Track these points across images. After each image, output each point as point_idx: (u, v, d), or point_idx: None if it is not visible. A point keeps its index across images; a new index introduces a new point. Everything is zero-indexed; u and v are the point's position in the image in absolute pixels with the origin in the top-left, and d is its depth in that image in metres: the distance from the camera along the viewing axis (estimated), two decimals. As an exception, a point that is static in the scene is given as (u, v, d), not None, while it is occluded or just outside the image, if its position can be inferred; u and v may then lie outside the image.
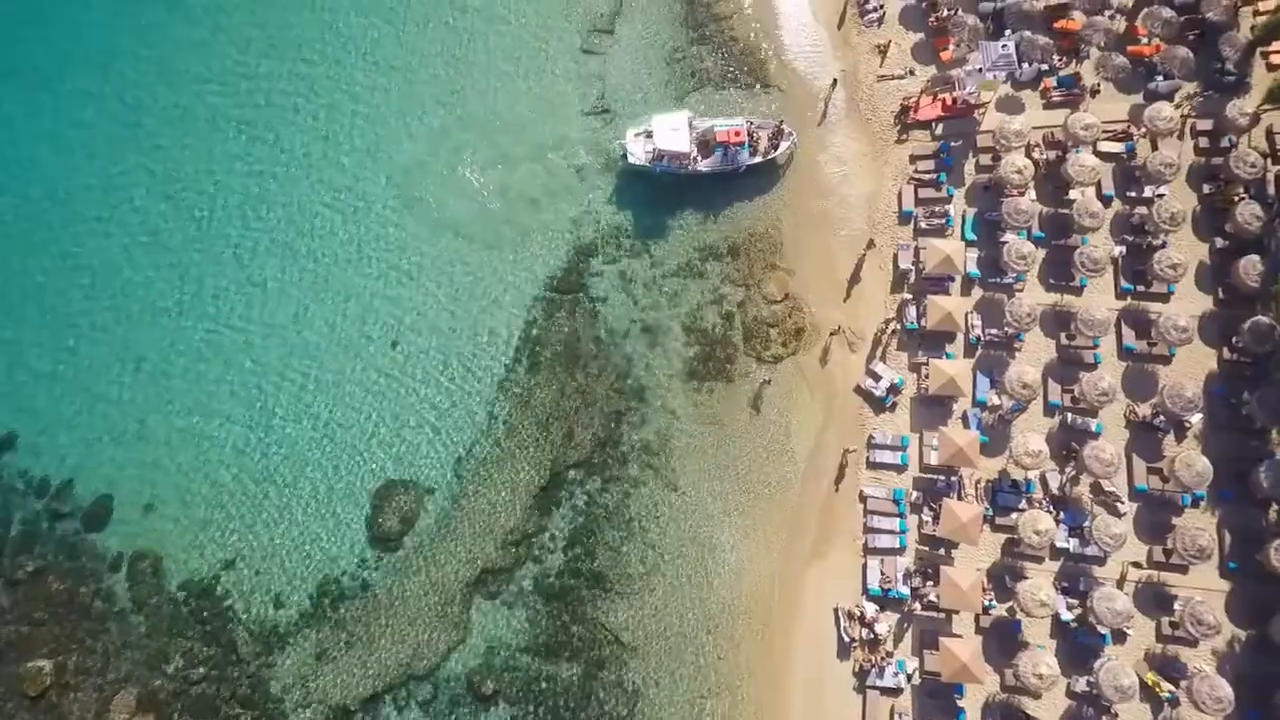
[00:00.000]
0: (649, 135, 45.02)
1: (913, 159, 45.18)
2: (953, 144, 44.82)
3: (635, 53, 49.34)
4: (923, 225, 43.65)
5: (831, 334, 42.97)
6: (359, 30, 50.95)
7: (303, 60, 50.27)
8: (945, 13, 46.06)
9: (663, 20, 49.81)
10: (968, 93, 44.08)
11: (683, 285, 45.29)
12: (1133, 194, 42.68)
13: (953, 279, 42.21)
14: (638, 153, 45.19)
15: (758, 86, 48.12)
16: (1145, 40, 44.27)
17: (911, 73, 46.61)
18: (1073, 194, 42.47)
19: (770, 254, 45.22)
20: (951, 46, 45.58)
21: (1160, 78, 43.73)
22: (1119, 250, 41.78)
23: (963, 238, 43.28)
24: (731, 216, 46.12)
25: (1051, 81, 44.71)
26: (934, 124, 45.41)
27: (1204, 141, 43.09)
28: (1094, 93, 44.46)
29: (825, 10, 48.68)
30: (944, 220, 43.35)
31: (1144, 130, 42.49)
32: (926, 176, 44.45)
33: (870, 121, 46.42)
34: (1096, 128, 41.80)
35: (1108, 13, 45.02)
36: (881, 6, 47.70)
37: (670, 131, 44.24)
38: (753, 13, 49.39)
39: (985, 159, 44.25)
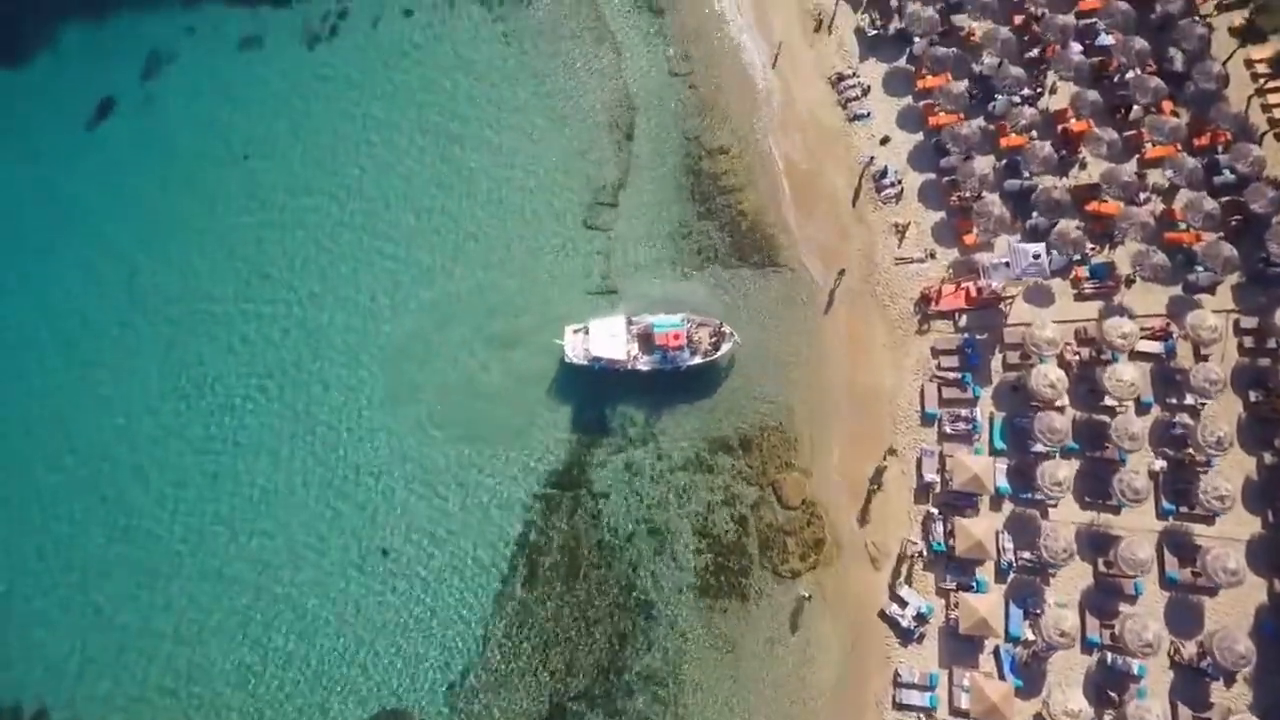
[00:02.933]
0: (588, 332, 42.96)
1: (935, 353, 42.50)
2: (978, 337, 42.16)
3: (640, 227, 46.90)
4: (947, 430, 40.96)
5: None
6: (352, 197, 48.78)
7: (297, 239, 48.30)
8: (967, 192, 43.53)
9: (668, 192, 47.39)
10: (993, 286, 41.46)
11: (692, 481, 42.80)
12: (1173, 400, 39.88)
13: (981, 495, 39.50)
14: (575, 351, 42.99)
15: (768, 265, 45.62)
16: (1184, 226, 41.63)
17: (932, 255, 44.00)
18: (1109, 400, 39.78)
19: (784, 451, 42.63)
20: (976, 231, 42.99)
21: (1200, 269, 41.04)
22: (1160, 465, 38.94)
23: (990, 445, 40.58)
24: (740, 406, 43.64)
25: (1084, 271, 42.06)
26: (957, 314, 42.82)
27: (1249, 341, 40.38)
28: (1129, 283, 41.78)
29: (839, 184, 46.10)
30: (970, 425, 40.63)
31: (1184, 332, 39.79)
32: (950, 375, 41.73)
33: (888, 308, 43.81)
34: (1134, 336, 39.09)
35: (1143, 195, 42.38)
36: (899, 181, 45.15)
37: (607, 337, 42.41)
38: (760, 185, 46.79)
39: (1013, 356, 41.57)
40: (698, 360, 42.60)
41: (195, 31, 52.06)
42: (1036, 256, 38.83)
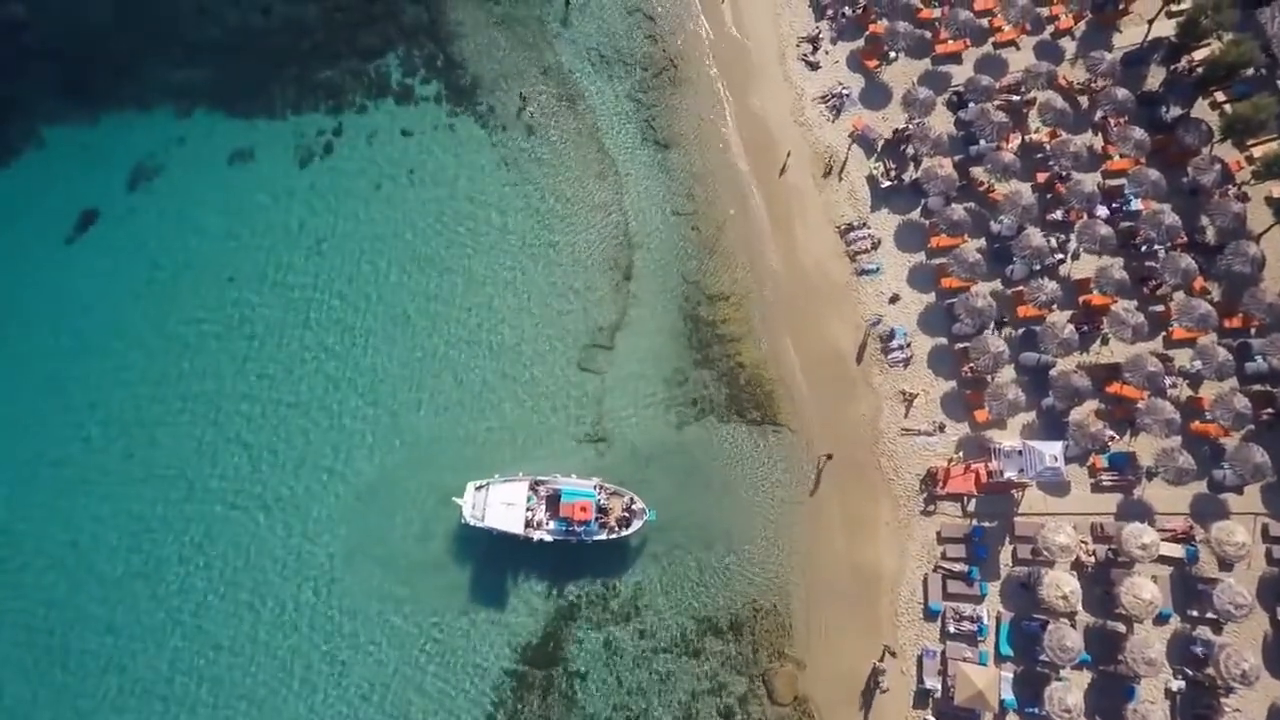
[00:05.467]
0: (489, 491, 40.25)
1: (940, 539, 39.90)
2: (986, 526, 39.58)
3: (635, 372, 44.39)
4: (951, 629, 38.32)
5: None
6: (334, 325, 46.52)
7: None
8: (979, 365, 40.92)
9: (665, 337, 44.97)
10: (1005, 474, 38.82)
11: (677, 665, 40.17)
12: (1194, 613, 37.14)
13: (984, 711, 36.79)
14: (475, 510, 39.66)
15: (766, 423, 43.18)
16: (1211, 418, 38.96)
17: (941, 428, 41.45)
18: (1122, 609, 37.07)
19: (778, 637, 40.06)
20: (988, 409, 40.37)
21: (1227, 467, 38.35)
22: (1178, 685, 36.19)
23: (996, 650, 37.89)
24: (734, 580, 41.13)
25: (1102, 461, 39.50)
26: (965, 498, 40.22)
27: (1278, 550, 37.63)
28: (1150, 475, 39.14)
29: (844, 341, 43.64)
30: (975, 627, 38.00)
31: (1207, 538, 37.13)
32: (956, 567, 39.09)
33: (893, 483, 41.27)
34: (1155, 547, 36.40)
35: (1168, 379, 39.73)
36: (908, 345, 42.67)
37: (503, 506, 39.50)
38: (760, 336, 44.34)
39: (1023, 549, 38.92)
40: (603, 537, 39.76)
41: (185, 142, 49.93)
42: (1054, 459, 36.27)
